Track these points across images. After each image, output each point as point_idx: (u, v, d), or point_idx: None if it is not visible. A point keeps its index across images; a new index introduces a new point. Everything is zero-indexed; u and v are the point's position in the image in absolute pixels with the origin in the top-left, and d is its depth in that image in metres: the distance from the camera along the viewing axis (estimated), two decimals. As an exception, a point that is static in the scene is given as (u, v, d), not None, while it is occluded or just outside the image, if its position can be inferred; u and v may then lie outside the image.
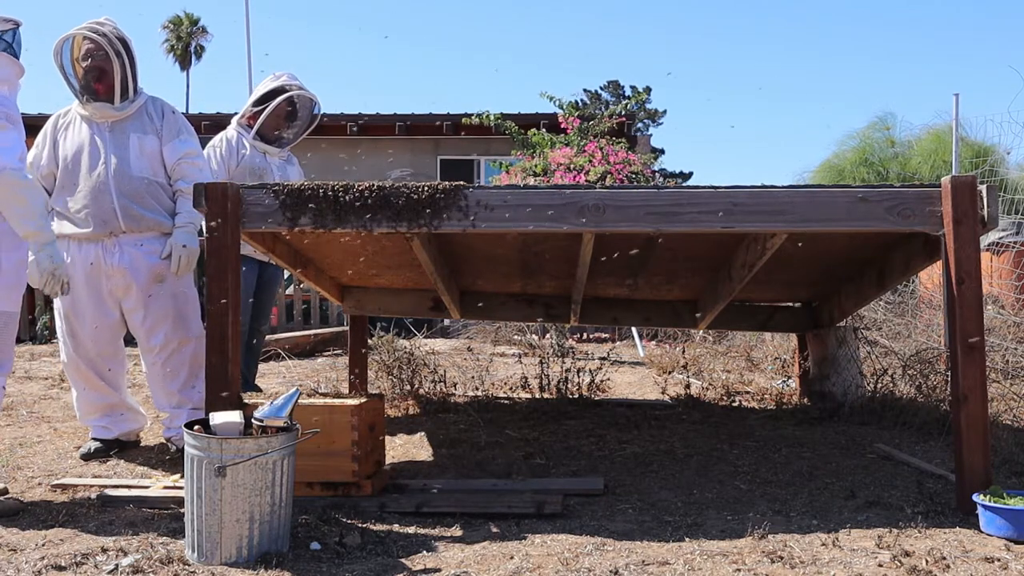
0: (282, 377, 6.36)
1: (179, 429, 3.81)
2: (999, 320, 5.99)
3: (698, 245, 3.86)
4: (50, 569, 2.51)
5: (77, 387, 3.91)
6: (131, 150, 3.78)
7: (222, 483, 2.55)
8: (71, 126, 3.83)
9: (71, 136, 3.80)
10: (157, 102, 3.91)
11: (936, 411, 4.40)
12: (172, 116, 3.91)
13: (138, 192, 3.75)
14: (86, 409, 3.93)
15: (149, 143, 3.82)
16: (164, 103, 3.93)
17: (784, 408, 4.97)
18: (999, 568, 2.46)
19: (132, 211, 3.73)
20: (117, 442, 3.92)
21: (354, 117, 13.35)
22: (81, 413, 3.96)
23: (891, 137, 13.97)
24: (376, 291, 5.01)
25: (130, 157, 3.76)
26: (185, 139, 3.90)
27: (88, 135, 3.78)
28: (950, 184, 3.02)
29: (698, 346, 7.36)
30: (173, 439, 3.90)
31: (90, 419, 3.93)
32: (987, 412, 2.99)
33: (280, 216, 3.17)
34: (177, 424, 3.82)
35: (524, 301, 5.00)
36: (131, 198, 3.73)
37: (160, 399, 3.92)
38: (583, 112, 10.99)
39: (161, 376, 3.85)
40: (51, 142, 3.83)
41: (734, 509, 3.10)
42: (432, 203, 3.12)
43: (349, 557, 2.62)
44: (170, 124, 3.88)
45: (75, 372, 3.88)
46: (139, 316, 3.81)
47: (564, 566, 2.53)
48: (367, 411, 3.28)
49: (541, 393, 5.29)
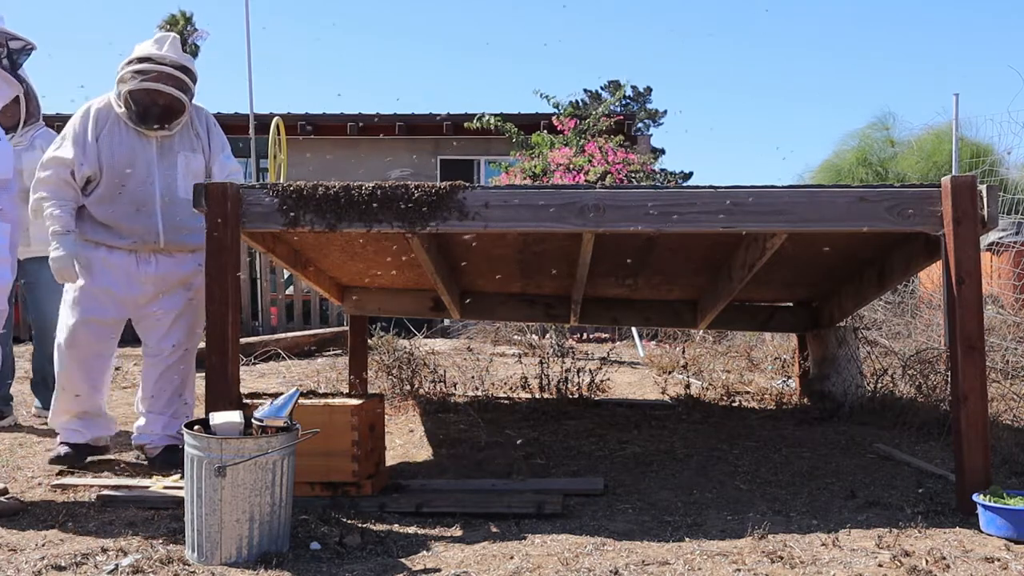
0: (282, 377, 6.36)
1: (151, 436, 3.75)
2: (999, 320, 5.99)
3: (698, 245, 3.86)
4: (50, 569, 2.51)
5: (61, 384, 3.74)
6: (179, 170, 3.69)
7: (222, 483, 2.54)
8: (114, 129, 3.64)
9: (117, 143, 3.63)
10: (201, 113, 3.82)
11: (936, 411, 4.40)
12: (215, 129, 3.85)
13: (184, 215, 3.64)
14: (62, 407, 3.75)
15: (196, 162, 3.75)
16: (207, 114, 3.85)
17: (784, 408, 4.97)
18: (999, 568, 2.47)
19: (176, 233, 3.67)
20: (87, 447, 3.76)
21: (354, 117, 13.35)
22: (54, 413, 3.79)
23: (890, 137, 13.98)
24: (376, 291, 5.01)
25: (177, 178, 3.68)
26: (228, 154, 3.87)
27: (136, 148, 3.64)
28: (950, 184, 3.02)
29: (698, 346, 7.36)
30: (146, 446, 3.78)
31: (62, 421, 3.76)
32: (987, 412, 2.99)
33: (280, 216, 3.17)
34: (152, 430, 3.75)
35: (524, 301, 5.00)
36: (176, 220, 3.66)
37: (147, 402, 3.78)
38: (580, 112, 10.98)
39: (155, 378, 3.75)
40: (92, 140, 3.61)
41: (734, 509, 3.10)
42: (432, 203, 3.12)
43: (349, 557, 2.62)
44: (215, 138, 3.83)
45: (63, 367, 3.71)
46: (159, 318, 3.72)
47: (564, 566, 2.53)
48: (367, 411, 3.28)
49: (541, 393, 5.29)
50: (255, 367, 6.72)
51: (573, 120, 10.49)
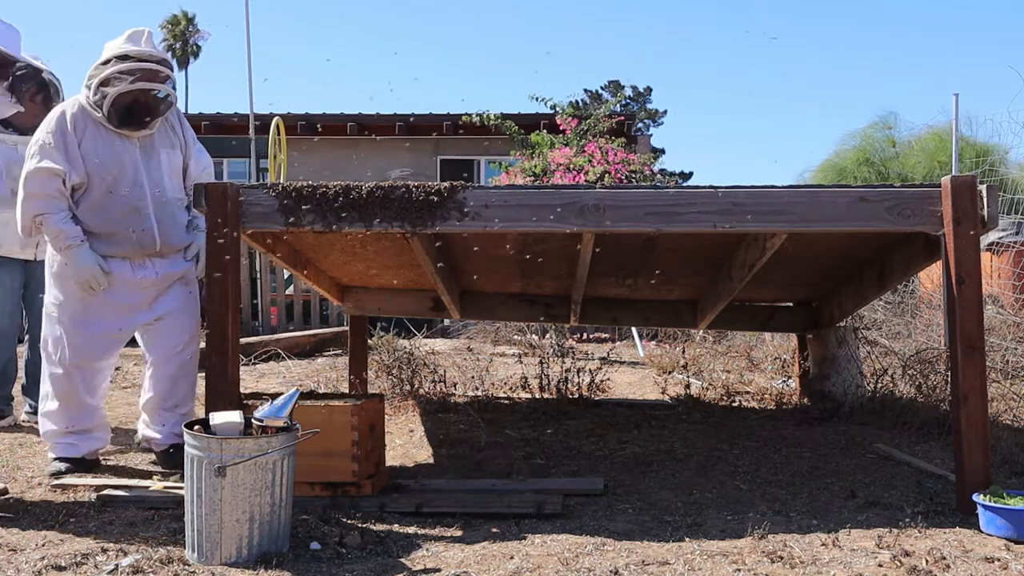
0: (282, 377, 6.36)
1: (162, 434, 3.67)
2: (999, 320, 5.99)
3: (698, 245, 3.86)
4: (50, 569, 2.51)
5: (59, 399, 3.60)
6: (163, 169, 3.64)
7: (222, 483, 2.54)
8: (95, 134, 3.52)
9: (101, 147, 3.51)
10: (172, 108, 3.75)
11: (936, 411, 4.40)
12: (186, 123, 3.80)
13: (173, 215, 3.63)
14: (54, 424, 3.62)
15: (175, 159, 3.71)
16: (176, 108, 3.78)
17: (784, 408, 4.97)
18: (999, 568, 2.47)
19: (169, 235, 3.62)
20: (82, 461, 3.64)
21: (354, 117, 13.35)
22: (47, 429, 3.64)
23: (891, 137, 13.99)
24: (376, 291, 5.01)
25: (163, 178, 3.62)
26: (200, 147, 3.85)
27: (121, 151, 3.55)
28: (950, 184, 3.02)
29: (698, 346, 7.35)
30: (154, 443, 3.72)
31: (57, 437, 3.63)
32: (987, 412, 2.99)
33: (280, 216, 3.17)
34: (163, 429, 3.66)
35: (524, 301, 5.00)
36: (168, 222, 3.62)
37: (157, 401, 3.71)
38: (580, 113, 10.99)
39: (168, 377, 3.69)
40: (73, 146, 3.48)
41: (734, 509, 3.10)
42: (431, 203, 3.12)
43: (349, 557, 2.62)
44: (189, 133, 3.79)
45: (64, 383, 3.59)
46: (164, 321, 3.66)
47: (564, 566, 2.53)
48: (367, 411, 3.28)
49: (541, 393, 5.29)
50: (255, 367, 6.72)
51: (575, 120, 10.50)
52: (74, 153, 3.48)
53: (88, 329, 3.55)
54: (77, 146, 3.49)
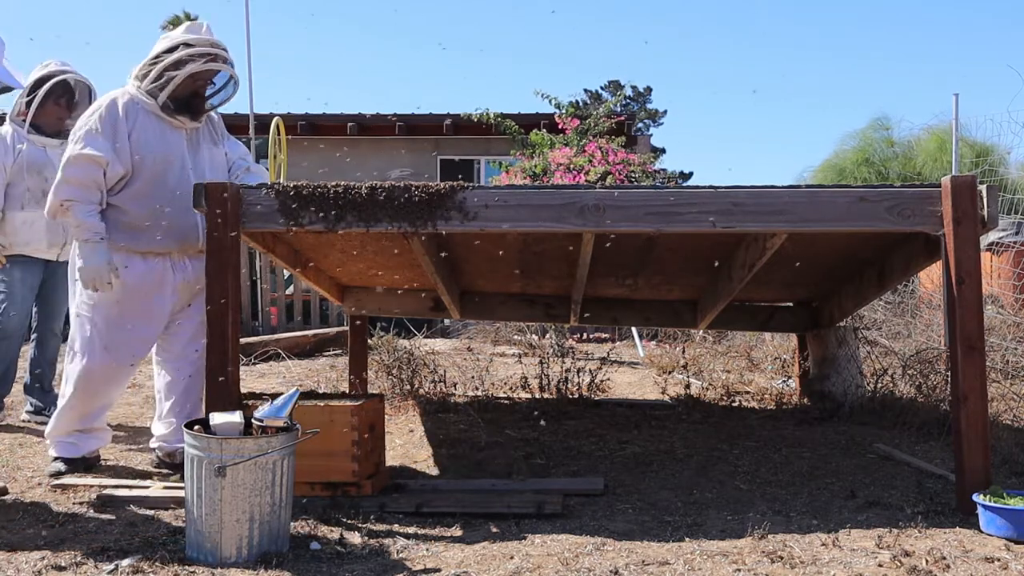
0: (282, 377, 6.36)
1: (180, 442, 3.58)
2: (999, 320, 5.99)
3: (698, 245, 3.86)
4: (50, 569, 2.51)
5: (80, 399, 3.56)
6: (206, 163, 3.63)
7: (222, 483, 2.55)
8: (146, 123, 3.48)
9: (149, 138, 3.47)
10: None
11: (936, 411, 4.40)
12: (219, 118, 3.83)
13: None
14: (65, 424, 3.60)
15: (217, 154, 3.71)
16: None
17: (784, 408, 4.97)
18: (999, 568, 2.47)
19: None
20: (83, 460, 3.63)
21: (354, 117, 13.34)
22: (56, 428, 3.62)
23: (890, 137, 13.99)
24: (376, 291, 5.01)
25: (206, 172, 3.59)
26: (235, 140, 3.88)
27: (171, 142, 3.53)
28: (950, 184, 3.02)
29: (698, 346, 7.35)
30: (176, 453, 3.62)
31: (60, 436, 3.62)
32: (987, 412, 2.99)
33: (280, 216, 3.17)
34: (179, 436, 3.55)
35: (524, 301, 5.00)
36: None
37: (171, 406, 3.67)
38: (580, 112, 10.98)
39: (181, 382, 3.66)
40: (123, 136, 3.43)
41: (734, 509, 3.10)
42: (432, 203, 3.12)
43: (349, 557, 2.62)
44: (221, 124, 3.81)
45: (90, 384, 3.53)
46: (185, 324, 3.63)
47: (564, 566, 2.53)
48: (367, 411, 3.28)
49: (541, 393, 5.29)
50: (255, 367, 6.72)
51: (575, 120, 10.49)
52: (122, 141, 3.43)
53: (123, 333, 3.50)
54: (127, 136, 3.44)
